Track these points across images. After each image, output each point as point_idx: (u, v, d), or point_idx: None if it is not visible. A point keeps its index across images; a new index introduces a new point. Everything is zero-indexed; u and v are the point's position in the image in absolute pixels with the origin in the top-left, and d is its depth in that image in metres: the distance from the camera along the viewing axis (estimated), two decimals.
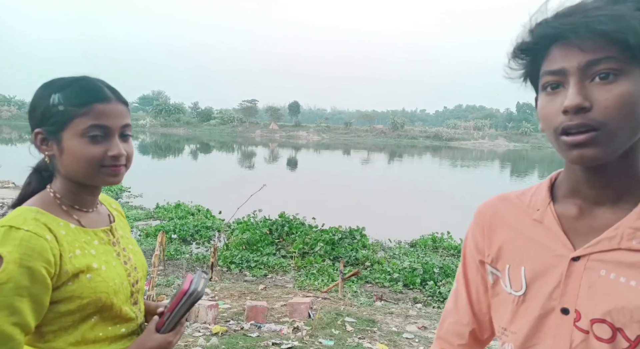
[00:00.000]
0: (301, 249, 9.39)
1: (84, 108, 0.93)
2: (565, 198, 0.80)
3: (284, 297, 6.13)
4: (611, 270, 0.72)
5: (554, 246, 0.77)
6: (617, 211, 0.74)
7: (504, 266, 0.84)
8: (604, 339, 0.71)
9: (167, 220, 11.94)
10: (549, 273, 0.77)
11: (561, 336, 0.75)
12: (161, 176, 21.28)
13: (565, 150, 0.70)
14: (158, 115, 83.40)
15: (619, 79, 0.66)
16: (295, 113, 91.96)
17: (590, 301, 0.73)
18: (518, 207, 0.85)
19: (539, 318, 0.77)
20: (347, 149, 58.70)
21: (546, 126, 0.73)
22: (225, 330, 4.47)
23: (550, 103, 0.71)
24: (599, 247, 0.73)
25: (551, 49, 0.71)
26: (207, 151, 49.89)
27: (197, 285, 1.03)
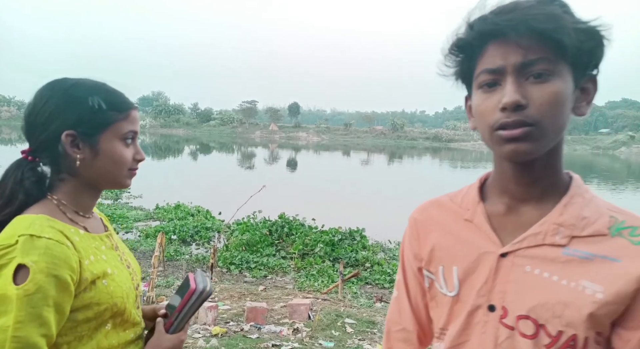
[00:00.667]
0: (301, 250, 9.38)
1: (124, 113, 0.96)
2: (494, 197, 0.82)
3: (284, 298, 6.12)
4: (536, 266, 0.73)
5: (483, 244, 0.79)
6: (541, 208, 0.76)
7: (437, 268, 0.85)
8: (527, 336, 0.73)
9: (166, 220, 11.92)
10: (478, 270, 0.78)
11: (488, 333, 0.76)
12: (161, 177, 21.25)
13: (500, 144, 0.71)
14: (158, 116, 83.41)
15: (551, 79, 0.69)
16: (295, 114, 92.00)
17: (516, 297, 0.74)
18: (450, 209, 0.87)
19: (468, 315, 0.79)
20: (347, 150, 58.71)
21: (482, 122, 0.73)
22: (225, 331, 4.46)
23: (487, 100, 0.72)
24: (525, 243, 0.75)
25: (487, 46, 0.71)
26: (206, 152, 49.89)
27: (205, 283, 1.03)
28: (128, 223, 11.64)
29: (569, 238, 0.73)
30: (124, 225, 11.41)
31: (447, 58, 0.77)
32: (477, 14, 0.73)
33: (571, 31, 0.67)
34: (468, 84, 0.78)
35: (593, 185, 29.73)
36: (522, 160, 0.73)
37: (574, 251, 0.72)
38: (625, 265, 0.69)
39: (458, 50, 0.75)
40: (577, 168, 42.90)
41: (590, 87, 0.75)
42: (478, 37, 0.71)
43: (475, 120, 0.77)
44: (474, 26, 0.72)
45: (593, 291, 0.69)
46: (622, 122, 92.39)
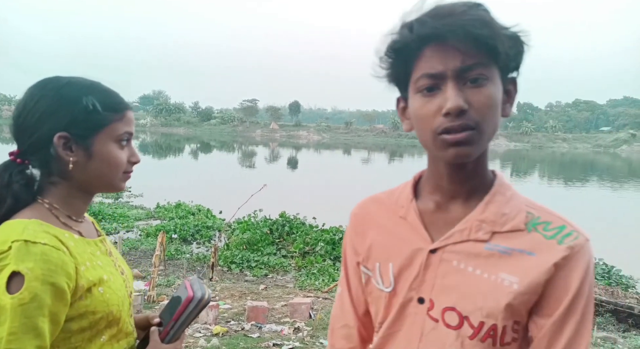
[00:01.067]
0: (302, 249, 9.38)
1: (120, 114, 0.93)
2: (427, 194, 0.85)
3: (285, 297, 6.12)
4: (461, 260, 0.78)
5: (415, 241, 0.83)
6: (468, 205, 0.80)
7: (374, 265, 0.88)
8: (452, 327, 0.77)
9: (167, 219, 11.94)
10: (411, 266, 0.82)
11: (415, 324, 0.81)
12: (161, 176, 21.27)
13: (443, 148, 0.74)
14: (158, 115, 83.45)
15: (486, 83, 0.72)
16: (296, 112, 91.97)
17: (443, 290, 0.79)
18: (387, 206, 0.90)
19: (400, 307, 0.83)
20: (348, 149, 58.71)
21: (423, 126, 0.75)
22: (226, 331, 4.46)
23: (428, 105, 0.73)
24: (453, 239, 0.79)
25: (425, 49, 0.72)
26: (207, 151, 49.92)
27: (203, 291, 0.98)
28: (129, 222, 11.65)
29: (491, 234, 0.77)
30: (124, 224, 11.42)
31: (382, 60, 0.78)
32: (413, 16, 0.73)
33: (502, 37, 0.71)
34: (402, 86, 0.79)
35: (593, 183, 29.70)
36: (462, 162, 0.76)
37: (494, 246, 0.76)
38: (539, 258, 0.74)
39: (394, 53, 0.75)
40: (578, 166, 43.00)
41: (512, 89, 0.79)
42: (417, 40, 0.72)
43: (413, 123, 0.79)
44: (413, 29, 0.72)
45: (510, 282, 0.74)
46: (623, 120, 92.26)
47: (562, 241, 0.75)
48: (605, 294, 7.70)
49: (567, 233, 0.76)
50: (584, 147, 74.13)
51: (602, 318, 7.05)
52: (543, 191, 23.84)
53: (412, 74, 0.75)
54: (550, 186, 28.29)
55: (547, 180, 31.82)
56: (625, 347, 5.27)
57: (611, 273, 9.06)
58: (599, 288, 8.00)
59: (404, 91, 0.79)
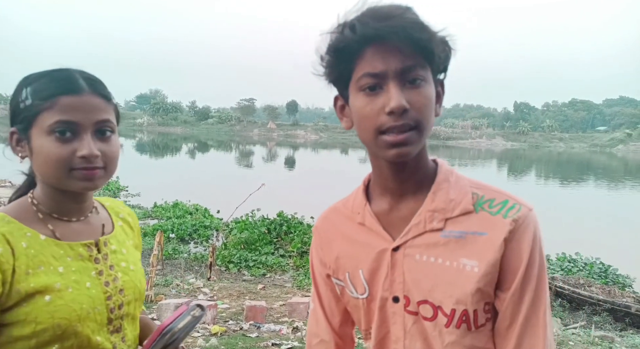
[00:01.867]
0: (299, 248, 9.37)
1: (48, 102, 0.81)
2: (377, 196, 0.87)
3: (283, 297, 6.12)
4: (423, 253, 0.80)
5: (378, 243, 0.84)
6: (417, 200, 0.82)
7: (344, 275, 0.88)
8: (428, 319, 0.80)
9: (164, 219, 11.90)
10: (380, 268, 0.83)
11: (398, 323, 0.82)
12: (159, 175, 21.20)
13: (384, 148, 0.75)
14: (155, 114, 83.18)
15: (423, 84, 0.75)
16: (293, 112, 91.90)
17: (413, 285, 0.80)
18: (345, 215, 0.91)
19: (380, 310, 0.84)
20: (345, 148, 58.71)
21: (365, 125, 0.76)
22: (225, 330, 4.45)
23: (371, 104, 0.75)
24: (411, 234, 0.81)
25: (366, 49, 0.73)
26: (204, 150, 49.82)
27: (177, 324, 0.89)
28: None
29: (444, 221, 0.79)
30: None
31: (323, 58, 0.78)
32: (353, 16, 0.75)
33: (437, 40, 0.74)
34: (342, 85, 0.79)
35: (590, 183, 29.82)
36: (403, 161, 0.78)
37: (449, 232, 0.79)
38: (490, 236, 0.77)
39: (336, 52, 0.76)
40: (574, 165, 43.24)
41: (441, 90, 0.82)
42: (359, 40, 0.73)
43: (354, 121, 0.80)
44: (356, 29, 0.73)
45: (471, 267, 0.77)
46: (619, 119, 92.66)
47: (507, 215, 0.77)
48: (602, 294, 7.73)
49: (510, 206, 0.78)
50: (581, 147, 74.43)
51: (600, 317, 7.07)
52: (540, 191, 23.91)
53: (354, 73, 0.76)
54: (546, 185, 28.39)
55: (544, 180, 31.93)
56: (622, 346, 5.29)
57: (608, 272, 9.09)
58: (596, 288, 8.03)
59: (343, 89, 0.80)
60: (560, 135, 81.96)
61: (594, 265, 9.24)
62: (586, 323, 6.58)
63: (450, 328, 0.78)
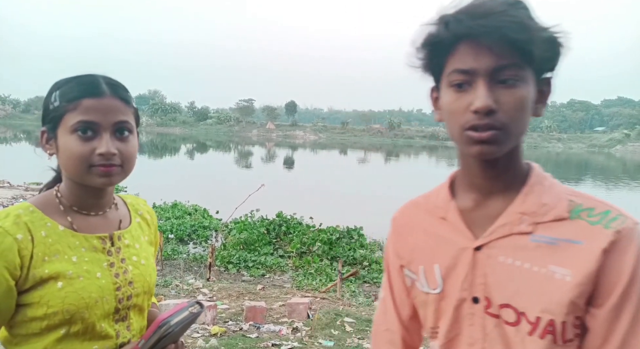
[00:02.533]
0: (299, 249, 9.37)
1: (73, 104, 0.90)
2: (463, 193, 0.85)
3: (283, 297, 6.11)
4: (508, 255, 0.76)
5: (458, 240, 0.82)
6: (506, 200, 0.79)
7: (417, 268, 0.87)
8: (510, 323, 0.76)
9: (164, 219, 11.88)
10: (458, 266, 0.81)
11: (475, 324, 0.79)
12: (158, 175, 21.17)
13: (468, 144, 0.74)
14: (154, 115, 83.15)
15: (518, 84, 0.72)
16: (292, 112, 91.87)
17: (496, 287, 0.77)
18: (426, 209, 0.90)
19: (455, 309, 0.81)
20: (344, 149, 58.73)
21: (452, 121, 0.76)
22: (224, 331, 4.45)
23: (459, 100, 0.74)
24: (495, 235, 0.78)
25: (459, 45, 0.73)
26: (203, 150, 49.78)
27: (173, 318, 0.92)
28: None
29: (534, 225, 0.76)
30: None
31: (418, 50, 0.79)
32: (452, 10, 0.74)
33: (539, 41, 0.71)
34: (436, 77, 0.80)
35: (587, 183, 29.87)
36: (486, 159, 0.77)
37: (540, 237, 0.75)
38: (587, 246, 0.72)
39: (429, 46, 0.77)
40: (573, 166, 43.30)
41: (546, 89, 0.79)
42: (451, 36, 0.73)
43: (443, 115, 0.80)
44: (449, 26, 0.72)
45: (562, 275, 0.72)
46: (617, 120, 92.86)
47: (609, 226, 0.72)
48: None
49: (612, 217, 0.73)
50: (579, 147, 74.55)
51: None
52: None
53: (445, 68, 0.75)
54: None
55: None
56: None
57: None
58: None
59: (437, 82, 0.80)
60: (559, 136, 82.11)
61: None
62: None
63: (533, 336, 0.74)
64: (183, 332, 0.97)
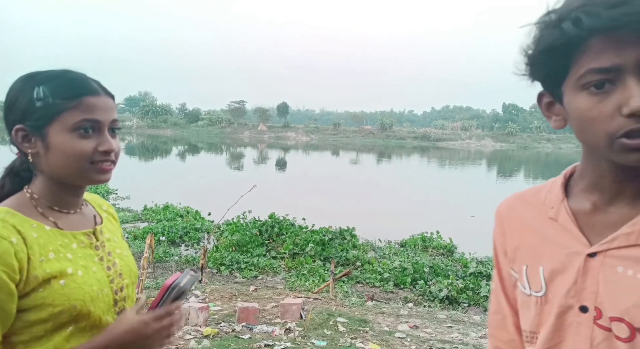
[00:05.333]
0: (291, 250, 9.37)
1: (74, 101, 0.87)
2: (580, 193, 0.77)
3: (275, 298, 6.11)
4: (629, 267, 0.69)
5: (569, 244, 0.75)
6: (635, 207, 0.71)
7: (520, 268, 0.82)
8: (622, 339, 0.70)
9: (155, 222, 11.80)
10: (566, 271, 0.75)
11: (581, 335, 0.73)
12: (149, 178, 21.04)
13: (623, 153, 0.65)
14: (145, 116, 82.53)
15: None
16: (284, 114, 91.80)
17: (609, 298, 0.71)
18: (533, 206, 0.83)
19: (558, 317, 0.75)
20: (336, 150, 58.80)
21: (595, 129, 0.66)
22: (217, 332, 4.44)
23: (600, 104, 0.65)
24: (616, 243, 0.71)
25: (591, 41, 0.64)
26: (195, 152, 49.53)
27: (181, 280, 0.97)
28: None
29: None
30: None
31: (532, 57, 0.70)
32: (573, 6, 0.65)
33: None
34: (553, 82, 0.71)
35: None
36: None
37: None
38: None
39: (552, 49, 0.67)
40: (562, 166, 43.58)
41: None
42: (584, 33, 0.63)
43: (573, 123, 0.70)
44: (581, 23, 0.63)
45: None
46: None
47: None
48: None
49: None
50: (568, 147, 75.38)
51: None
52: None
53: (572, 69, 0.66)
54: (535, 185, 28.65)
55: (533, 180, 32.28)
56: None
57: None
58: None
59: (554, 87, 0.71)
60: (548, 136, 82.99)
61: None
62: None
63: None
64: (188, 292, 1.02)
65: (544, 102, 0.76)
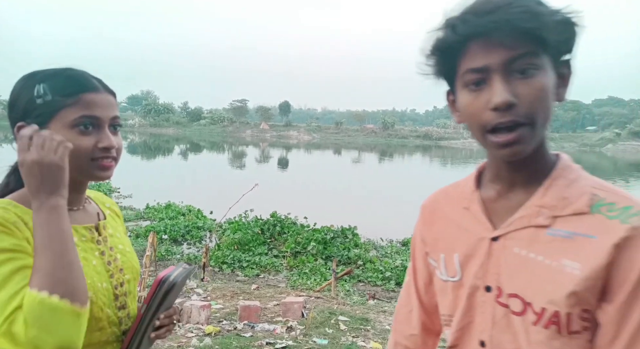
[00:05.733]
0: (293, 248, 9.37)
1: (73, 98, 0.88)
2: (488, 183, 0.85)
3: (277, 297, 6.12)
4: (523, 247, 0.77)
5: (478, 230, 0.83)
6: (528, 192, 0.79)
7: (438, 256, 0.89)
8: (516, 313, 0.77)
9: (157, 220, 11.83)
10: (475, 255, 0.82)
11: (486, 313, 0.81)
12: (151, 176, 21.06)
13: (494, 148, 0.73)
14: (147, 115, 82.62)
15: (535, 73, 0.71)
16: (286, 113, 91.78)
17: (507, 277, 0.78)
18: (453, 198, 0.91)
19: (468, 298, 0.83)
20: (338, 149, 58.76)
21: (473, 123, 0.75)
22: (219, 330, 4.45)
23: (476, 100, 0.73)
24: (513, 226, 0.79)
25: (469, 44, 0.72)
26: (197, 151, 49.57)
27: (171, 274, 0.96)
28: None
29: (552, 219, 0.76)
30: None
31: (428, 58, 0.78)
32: (457, 12, 0.73)
33: (552, 25, 0.69)
34: (450, 80, 0.79)
35: None
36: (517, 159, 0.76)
37: (556, 231, 0.75)
38: (600, 240, 0.71)
39: (439, 51, 0.76)
40: None
41: (567, 71, 0.77)
42: (460, 38, 0.72)
43: (462, 117, 0.79)
44: (457, 28, 0.71)
45: (572, 269, 0.72)
46: (608, 119, 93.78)
47: (626, 221, 0.70)
48: None
49: (633, 213, 0.71)
50: (571, 146, 75.17)
51: None
52: None
53: (458, 69, 0.75)
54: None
55: None
56: None
57: None
58: None
59: (452, 85, 0.80)
60: (551, 135, 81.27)
61: None
62: None
63: (537, 326, 0.75)
64: (181, 287, 1.01)
65: (449, 100, 0.83)
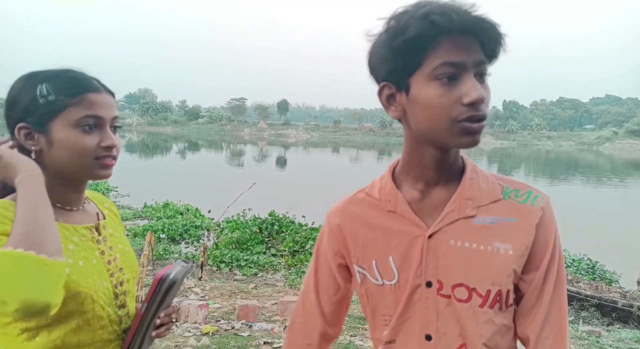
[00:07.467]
0: (291, 247, 9.38)
1: (77, 98, 0.89)
2: (408, 184, 0.89)
3: (275, 296, 6.12)
4: (458, 238, 0.84)
5: (410, 230, 0.86)
6: (449, 189, 0.86)
7: (370, 263, 0.90)
8: (463, 300, 0.83)
9: (155, 219, 11.82)
10: (411, 254, 0.86)
11: (429, 307, 0.85)
12: (149, 175, 21.06)
13: (459, 135, 0.77)
14: (145, 114, 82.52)
15: (486, 79, 0.79)
16: (284, 111, 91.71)
17: (447, 270, 0.84)
18: (370, 203, 0.92)
19: (409, 296, 0.86)
20: (336, 147, 58.79)
21: (439, 114, 0.76)
22: (216, 330, 4.44)
23: (449, 93, 0.75)
24: (446, 221, 0.84)
25: (442, 39, 0.74)
26: (195, 150, 49.53)
27: (170, 272, 0.97)
28: None
29: (477, 209, 0.84)
30: None
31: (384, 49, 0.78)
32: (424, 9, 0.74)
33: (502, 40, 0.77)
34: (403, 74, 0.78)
35: (578, 181, 30.22)
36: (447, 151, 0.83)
37: (482, 219, 0.84)
38: (521, 221, 0.83)
39: (407, 41, 0.75)
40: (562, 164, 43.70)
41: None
42: (440, 31, 0.73)
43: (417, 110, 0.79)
44: (436, 22, 0.73)
45: (505, 250, 0.82)
46: (605, 118, 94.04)
47: (535, 203, 0.84)
48: (589, 289, 7.85)
49: (535, 196, 0.86)
50: (568, 145, 75.42)
51: (587, 312, 7.18)
52: None
53: (426, 62, 0.75)
54: (535, 183, 28.71)
55: (533, 177, 32.29)
56: (609, 340, 5.39)
57: (595, 268, 9.22)
58: (584, 283, 8.15)
59: (403, 79, 0.79)
60: (549, 134, 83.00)
61: (582, 261, 9.38)
62: (574, 318, 6.68)
63: (484, 308, 0.83)
64: (180, 285, 1.02)
65: (385, 94, 0.83)
